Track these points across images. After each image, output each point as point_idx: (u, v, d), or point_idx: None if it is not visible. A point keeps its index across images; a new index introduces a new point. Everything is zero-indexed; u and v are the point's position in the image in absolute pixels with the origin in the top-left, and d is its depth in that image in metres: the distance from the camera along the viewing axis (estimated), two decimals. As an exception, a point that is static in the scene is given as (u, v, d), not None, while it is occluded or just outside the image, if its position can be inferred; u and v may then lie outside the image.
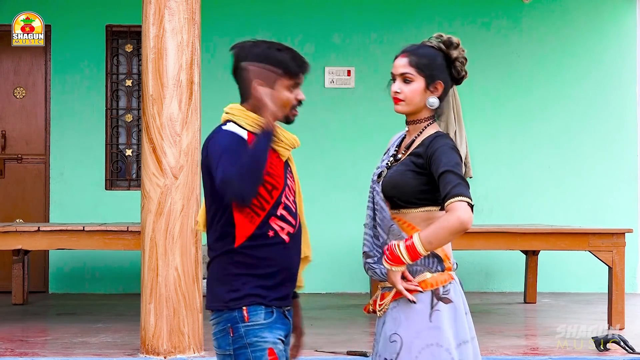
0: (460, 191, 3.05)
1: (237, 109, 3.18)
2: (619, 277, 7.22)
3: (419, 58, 3.26)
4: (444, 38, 3.31)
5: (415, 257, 3.08)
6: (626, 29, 10.06)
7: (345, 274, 9.54)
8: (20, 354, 5.98)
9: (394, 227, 3.21)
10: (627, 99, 10.01)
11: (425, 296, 3.16)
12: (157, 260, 5.82)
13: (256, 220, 3.09)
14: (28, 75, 9.58)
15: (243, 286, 3.09)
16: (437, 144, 3.17)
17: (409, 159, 3.22)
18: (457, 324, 3.18)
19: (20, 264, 8.40)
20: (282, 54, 3.15)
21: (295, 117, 3.23)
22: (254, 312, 3.08)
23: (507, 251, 9.08)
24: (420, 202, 3.19)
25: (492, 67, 9.77)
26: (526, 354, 6.14)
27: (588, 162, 9.93)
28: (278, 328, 3.14)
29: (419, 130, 3.29)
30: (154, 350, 5.84)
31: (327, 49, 9.72)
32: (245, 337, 3.07)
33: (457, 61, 3.29)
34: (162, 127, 5.83)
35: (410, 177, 3.19)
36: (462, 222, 3.02)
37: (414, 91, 3.26)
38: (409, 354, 3.14)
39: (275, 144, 3.12)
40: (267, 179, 3.07)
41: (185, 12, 5.88)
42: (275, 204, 3.11)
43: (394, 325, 3.18)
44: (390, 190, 3.22)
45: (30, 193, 9.54)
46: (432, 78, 3.25)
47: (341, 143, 9.70)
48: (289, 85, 3.17)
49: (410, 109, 3.28)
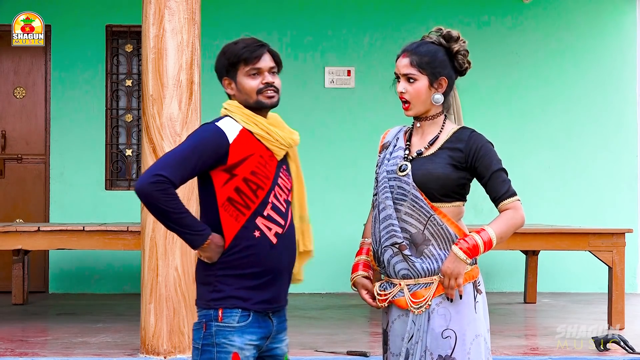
0: (514, 191, 3.26)
1: (234, 106, 3.25)
2: (619, 277, 7.22)
3: (421, 57, 3.29)
4: (443, 32, 3.34)
5: (488, 249, 3.23)
6: (626, 29, 10.06)
7: (346, 274, 9.46)
8: (20, 354, 5.98)
9: (434, 218, 3.24)
10: (627, 99, 10.01)
11: (470, 288, 3.29)
12: (157, 260, 5.82)
13: (241, 218, 3.14)
14: (28, 75, 9.58)
15: (226, 287, 3.14)
16: (480, 140, 3.29)
17: (446, 154, 3.27)
18: (486, 313, 3.36)
19: (20, 264, 8.40)
20: (237, 46, 3.27)
21: (272, 100, 3.24)
22: (228, 314, 3.14)
23: (507, 251, 9.08)
24: (455, 196, 3.28)
25: (492, 67, 9.77)
26: (526, 354, 6.14)
27: (588, 162, 9.94)
28: (251, 332, 3.15)
29: (439, 125, 3.35)
30: (154, 350, 5.84)
31: (327, 49, 9.72)
32: (215, 336, 3.14)
33: (459, 54, 3.33)
34: (162, 127, 5.83)
35: (451, 171, 3.25)
36: (524, 220, 3.26)
37: (419, 90, 3.30)
38: (463, 347, 3.22)
39: (266, 141, 3.19)
40: (251, 178, 3.13)
41: (185, 12, 5.88)
42: (261, 203, 3.15)
43: (444, 321, 3.23)
44: (428, 182, 3.25)
45: (30, 193, 9.54)
46: (435, 75, 3.30)
47: (341, 143, 9.70)
48: (247, 72, 3.23)
49: (419, 110, 3.33)
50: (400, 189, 3.29)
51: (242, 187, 3.13)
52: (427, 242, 3.25)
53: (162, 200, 3.05)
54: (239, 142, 3.14)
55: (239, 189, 3.13)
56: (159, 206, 3.06)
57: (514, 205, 3.24)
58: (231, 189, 3.13)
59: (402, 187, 3.28)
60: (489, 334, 3.35)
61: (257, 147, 3.17)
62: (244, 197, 3.13)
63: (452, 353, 3.21)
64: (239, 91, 3.25)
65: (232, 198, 3.13)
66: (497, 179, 3.24)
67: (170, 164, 3.08)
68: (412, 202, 3.26)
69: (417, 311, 3.26)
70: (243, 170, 3.13)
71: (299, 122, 9.68)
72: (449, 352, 3.21)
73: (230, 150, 3.12)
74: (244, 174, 3.13)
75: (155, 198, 3.04)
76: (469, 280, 3.28)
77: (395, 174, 3.31)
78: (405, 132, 3.43)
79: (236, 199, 3.13)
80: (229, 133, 3.15)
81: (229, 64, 3.26)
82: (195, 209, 5.88)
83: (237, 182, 3.13)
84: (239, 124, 3.19)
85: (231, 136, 3.14)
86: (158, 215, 3.10)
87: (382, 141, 3.47)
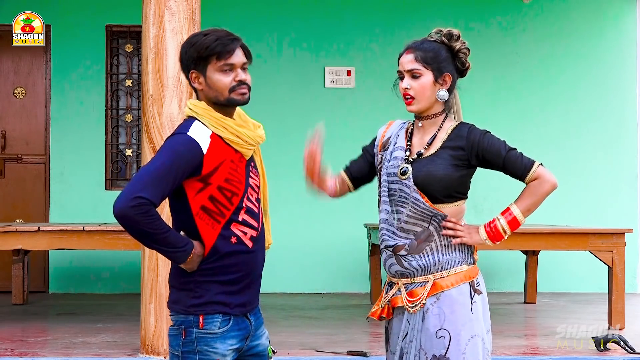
0: (530, 160, 3.32)
1: (201, 108, 3.10)
2: (619, 277, 7.22)
3: (425, 52, 3.30)
4: (444, 32, 3.35)
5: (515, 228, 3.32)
6: (626, 29, 10.06)
7: (345, 274, 9.54)
8: (20, 354, 5.97)
9: (439, 214, 3.26)
10: (627, 99, 10.01)
11: (466, 288, 3.26)
12: (157, 260, 5.82)
13: (217, 226, 3.06)
14: (28, 75, 9.58)
15: (206, 293, 3.08)
16: (478, 133, 3.30)
17: (447, 153, 3.27)
18: (485, 314, 3.30)
19: (20, 264, 8.40)
20: (207, 38, 3.05)
21: (245, 97, 3.08)
22: (210, 320, 3.07)
23: (507, 251, 9.08)
24: (458, 196, 3.29)
25: (492, 67, 9.77)
26: (526, 354, 6.14)
27: (588, 162, 9.93)
28: (232, 337, 3.11)
29: (438, 124, 3.34)
30: (154, 350, 5.84)
31: (327, 49, 9.72)
32: (197, 343, 3.07)
33: (460, 52, 3.34)
34: (162, 127, 5.83)
35: (453, 171, 3.25)
36: (553, 183, 3.36)
37: (424, 85, 3.29)
38: (457, 347, 3.20)
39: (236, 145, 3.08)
40: (225, 186, 3.04)
41: (185, 12, 5.88)
42: (235, 210, 3.08)
43: (438, 321, 3.22)
44: (430, 184, 3.24)
45: (30, 193, 9.54)
46: (439, 71, 3.30)
47: (341, 143, 9.68)
48: (219, 67, 3.05)
49: (423, 105, 3.32)
50: (402, 192, 3.28)
51: (216, 195, 3.04)
52: (431, 239, 3.26)
53: (144, 223, 2.94)
54: (212, 150, 3.02)
55: (213, 197, 3.04)
56: (141, 229, 2.95)
57: (537, 174, 3.31)
58: (205, 198, 3.04)
59: (403, 190, 3.28)
60: (490, 335, 3.32)
61: (227, 152, 3.07)
62: (218, 206, 3.04)
63: (446, 353, 3.20)
64: (208, 86, 3.08)
65: (206, 207, 3.04)
66: (510, 160, 3.31)
67: (149, 184, 2.94)
68: (413, 205, 3.26)
69: (412, 310, 3.26)
70: (217, 178, 3.03)
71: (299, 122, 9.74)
72: (443, 352, 3.20)
73: (205, 160, 3.01)
74: (218, 182, 3.03)
75: (137, 222, 2.94)
76: (465, 280, 3.27)
77: (396, 177, 3.30)
78: (406, 130, 3.40)
79: (210, 207, 3.04)
80: (202, 142, 3.02)
81: (198, 57, 3.05)
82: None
83: (211, 191, 3.03)
84: (208, 128, 3.06)
85: (204, 146, 3.02)
86: (139, 237, 2.99)
87: (384, 135, 3.44)
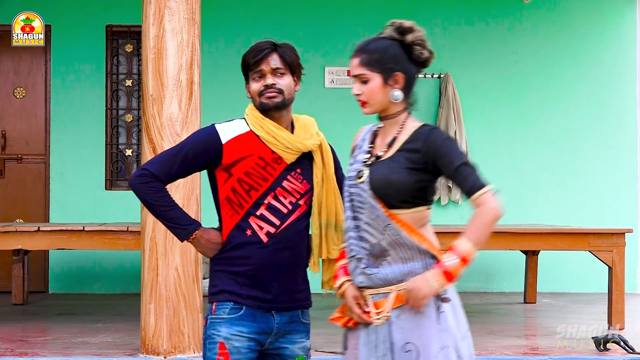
0: (482, 183, 3.00)
1: (249, 108, 3.35)
2: (619, 277, 7.22)
3: (370, 55, 3.14)
4: (395, 25, 3.21)
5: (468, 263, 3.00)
6: (626, 29, 10.06)
7: (345, 274, 9.53)
8: (20, 354, 5.98)
9: (391, 226, 3.07)
10: (627, 99, 10.01)
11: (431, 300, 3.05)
12: (157, 260, 5.82)
13: (236, 217, 3.23)
14: (28, 75, 9.58)
15: (219, 282, 3.25)
16: (437, 137, 3.06)
17: (402, 156, 3.08)
18: (458, 319, 3.12)
19: (20, 264, 8.40)
20: (246, 52, 3.35)
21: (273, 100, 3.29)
22: (220, 306, 3.23)
23: (507, 251, 9.08)
24: (414, 202, 3.08)
25: (492, 67, 9.76)
26: (526, 354, 6.14)
27: (588, 162, 9.94)
28: (241, 324, 3.19)
29: (399, 125, 3.16)
30: (154, 350, 5.84)
31: (327, 49, 9.72)
32: (208, 328, 3.24)
33: (414, 45, 3.16)
34: (162, 127, 5.83)
35: (407, 175, 3.05)
36: (496, 213, 2.99)
37: (372, 89, 3.14)
38: None
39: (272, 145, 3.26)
40: (244, 179, 3.22)
41: (185, 12, 5.88)
42: (254, 204, 3.22)
43: (404, 335, 3.06)
44: (384, 189, 3.07)
45: (30, 193, 9.54)
46: (387, 72, 3.13)
47: (341, 143, 9.68)
48: (253, 76, 3.31)
49: (377, 108, 3.18)
50: (359, 196, 3.12)
51: (236, 187, 3.23)
52: (386, 254, 3.08)
53: (143, 193, 3.21)
54: (236, 143, 3.23)
55: (234, 188, 3.23)
56: (142, 198, 3.23)
57: (482, 199, 2.99)
58: (229, 188, 3.23)
59: (360, 194, 3.12)
60: (467, 341, 3.13)
61: (259, 150, 3.25)
62: (238, 197, 3.22)
63: None
64: (250, 95, 3.34)
65: (229, 197, 3.23)
66: (460, 175, 3.01)
67: (157, 160, 3.26)
68: (370, 210, 3.09)
69: (378, 322, 3.09)
70: (238, 170, 3.22)
71: (299, 122, 9.72)
72: None
73: (224, 150, 3.22)
74: (238, 174, 3.22)
75: (138, 190, 3.22)
76: None
77: (354, 181, 3.16)
78: (373, 133, 3.27)
79: (232, 198, 3.23)
80: (226, 134, 3.25)
81: (243, 70, 3.36)
82: (195, 210, 5.89)
83: (232, 182, 3.23)
84: (248, 125, 3.28)
85: (227, 137, 3.24)
86: (146, 207, 3.26)
87: (354, 143, 3.33)
